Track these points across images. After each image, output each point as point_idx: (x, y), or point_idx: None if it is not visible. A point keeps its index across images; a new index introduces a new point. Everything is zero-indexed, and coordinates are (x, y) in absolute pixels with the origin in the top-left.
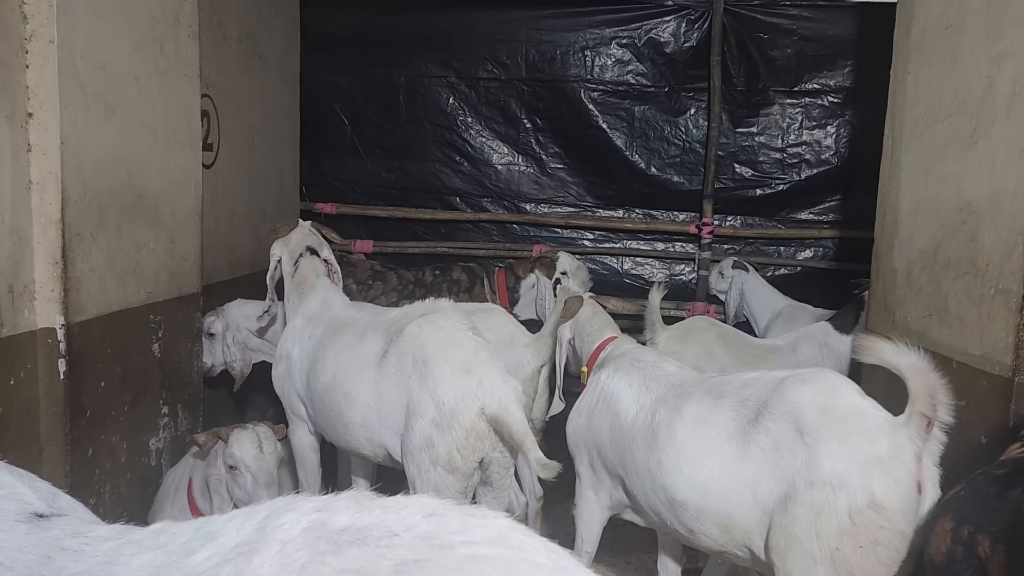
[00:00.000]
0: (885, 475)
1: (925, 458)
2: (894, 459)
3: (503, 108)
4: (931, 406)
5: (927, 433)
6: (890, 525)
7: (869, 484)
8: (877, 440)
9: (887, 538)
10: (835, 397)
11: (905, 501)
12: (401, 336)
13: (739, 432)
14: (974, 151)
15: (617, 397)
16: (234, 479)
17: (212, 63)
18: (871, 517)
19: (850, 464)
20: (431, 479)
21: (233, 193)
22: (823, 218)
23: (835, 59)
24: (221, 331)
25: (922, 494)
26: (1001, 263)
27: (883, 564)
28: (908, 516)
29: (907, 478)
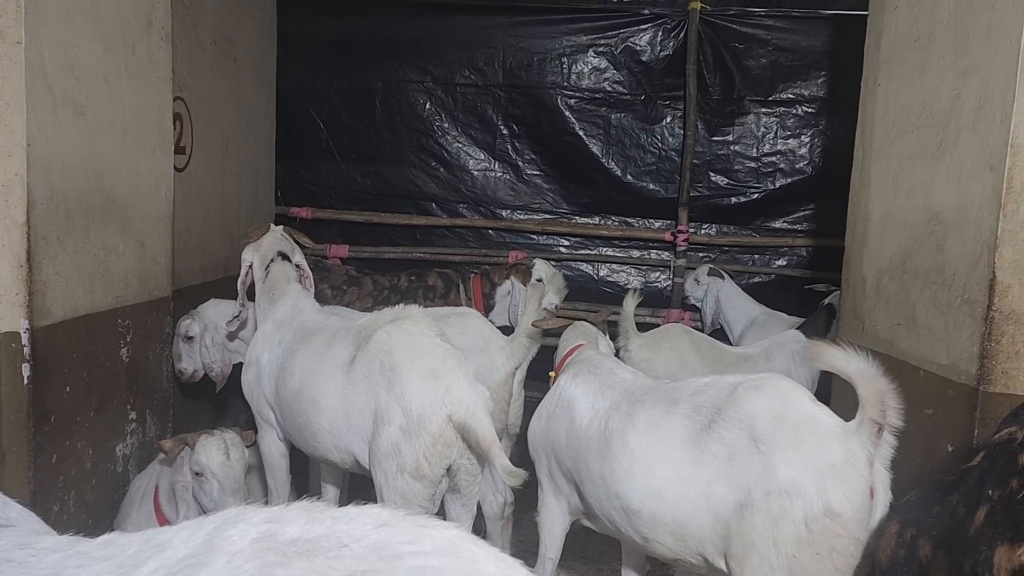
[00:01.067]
0: (840, 482)
1: (877, 463)
2: (848, 466)
3: (480, 114)
4: (881, 411)
5: (878, 438)
6: (845, 532)
7: (824, 492)
8: (831, 447)
9: (843, 545)
10: (788, 404)
11: (859, 508)
12: (369, 342)
13: (692, 439)
14: (941, 162)
15: (573, 403)
16: (200, 486)
17: (186, 65)
18: (827, 525)
19: (805, 472)
20: (398, 486)
21: (206, 196)
22: (797, 227)
23: (809, 70)
24: (199, 333)
25: (874, 499)
26: (967, 273)
27: (839, 570)
28: (862, 522)
29: (860, 485)
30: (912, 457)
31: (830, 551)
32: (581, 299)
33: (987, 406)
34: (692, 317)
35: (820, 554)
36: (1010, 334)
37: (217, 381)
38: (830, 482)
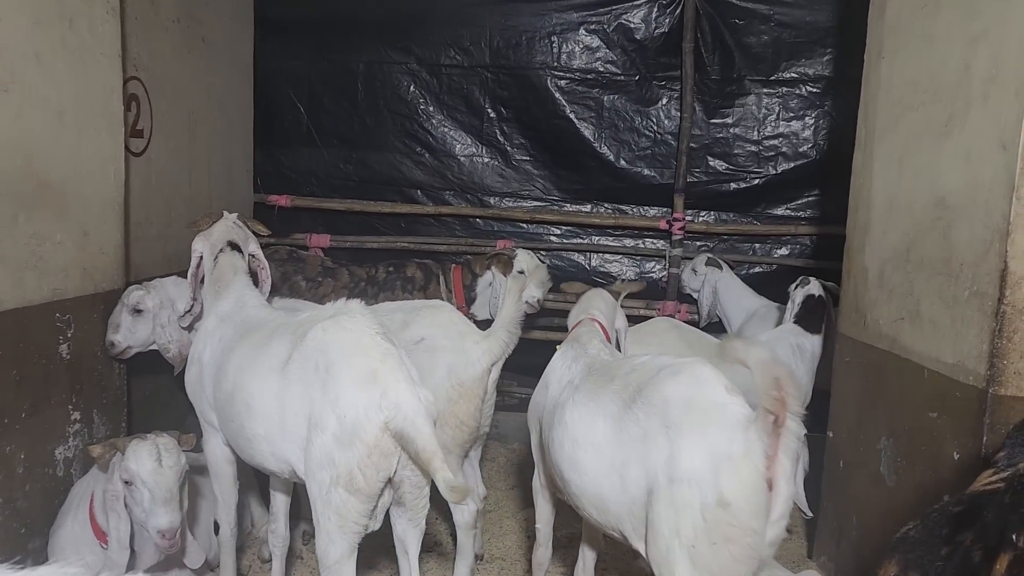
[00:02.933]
0: (733, 473)
1: (780, 454)
2: (744, 457)
3: (466, 97)
4: (775, 400)
5: (776, 429)
6: (738, 523)
7: (718, 482)
8: (732, 437)
9: (737, 535)
10: (701, 391)
11: (752, 499)
12: (304, 340)
13: (615, 417)
14: (949, 140)
15: (550, 376)
16: (131, 495)
17: (143, 44)
18: (720, 515)
19: (704, 461)
20: (332, 500)
21: (169, 183)
22: (800, 214)
23: (814, 47)
24: (153, 308)
25: (774, 491)
26: (976, 263)
27: (737, 561)
28: (757, 514)
29: (755, 476)
30: (915, 464)
31: (725, 541)
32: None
33: (997, 410)
34: (689, 309)
35: (716, 544)
36: (1023, 331)
37: (174, 364)
38: (725, 473)
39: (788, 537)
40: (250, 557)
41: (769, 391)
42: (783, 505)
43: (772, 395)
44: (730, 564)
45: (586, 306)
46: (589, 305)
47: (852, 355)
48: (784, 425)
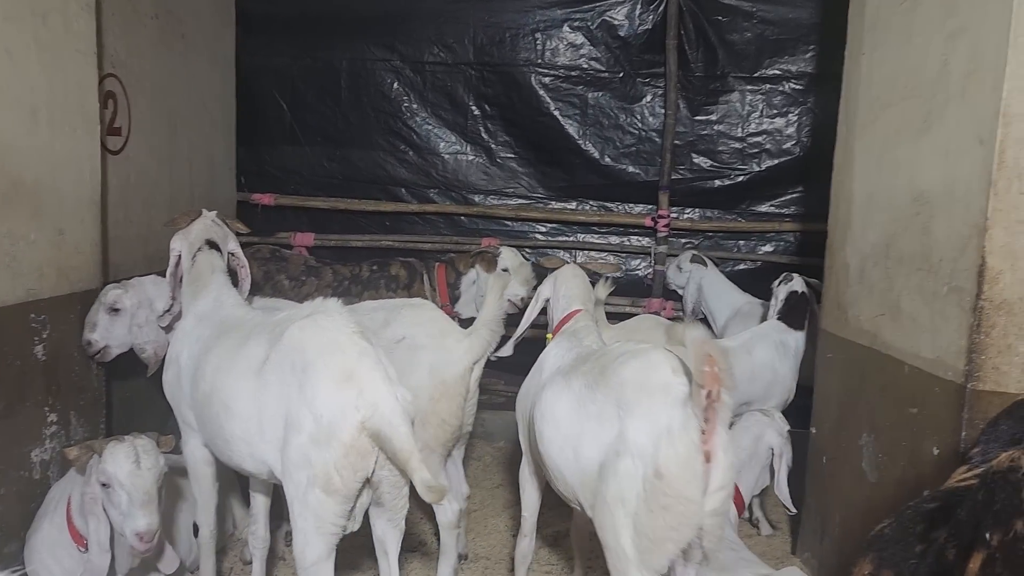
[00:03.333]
0: (670, 446)
1: (719, 427)
2: (682, 431)
3: (450, 94)
4: (707, 375)
5: (710, 403)
6: (672, 492)
7: (656, 454)
8: (672, 414)
9: (672, 504)
10: (651, 373)
11: (686, 469)
12: (281, 340)
13: (578, 396)
14: (927, 136)
15: (544, 364)
16: (109, 498)
17: (120, 41)
18: (657, 485)
19: (647, 436)
20: (309, 501)
21: (149, 181)
22: (784, 211)
23: (797, 44)
24: (130, 308)
25: (712, 463)
26: (954, 258)
27: (672, 528)
28: (691, 483)
29: (689, 448)
30: (896, 460)
31: (661, 509)
32: None
33: (976, 405)
34: (674, 306)
35: (653, 512)
36: (1001, 326)
37: (149, 363)
38: (663, 446)
39: (772, 533)
40: (232, 559)
41: (701, 367)
42: (722, 476)
43: (704, 371)
44: (666, 531)
45: (573, 295)
46: (575, 295)
47: (834, 351)
48: (719, 399)
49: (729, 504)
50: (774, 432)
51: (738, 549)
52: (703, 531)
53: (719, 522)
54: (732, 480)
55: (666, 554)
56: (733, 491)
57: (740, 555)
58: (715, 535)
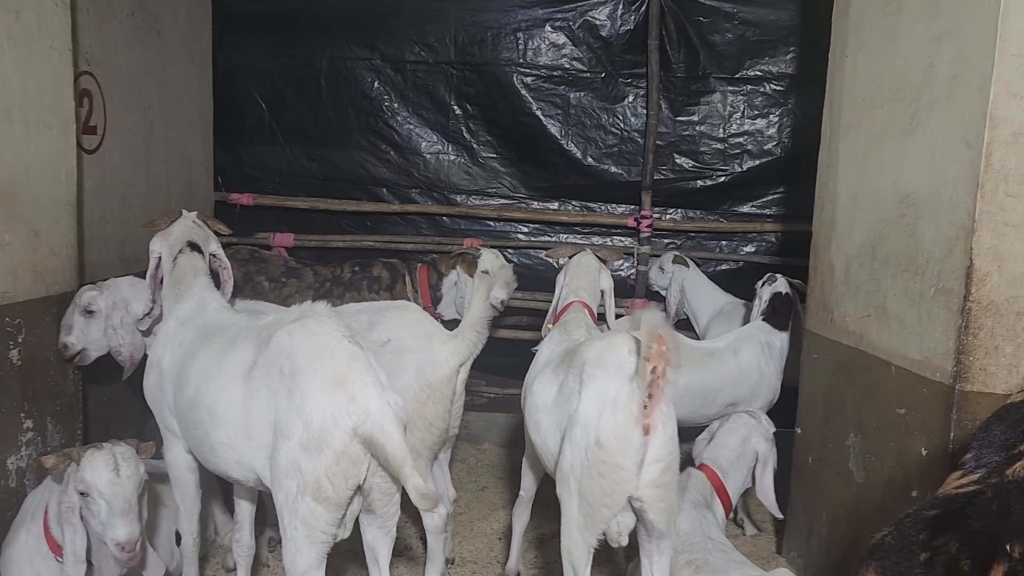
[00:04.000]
0: (611, 417)
1: (660, 402)
2: (624, 404)
3: (431, 93)
4: (654, 352)
5: (655, 379)
6: (609, 460)
7: (599, 425)
8: (619, 388)
9: (607, 471)
10: (609, 352)
11: (622, 440)
12: (269, 344)
13: (561, 388)
14: (913, 138)
15: (538, 357)
16: (88, 507)
17: (96, 38)
18: (597, 453)
19: (594, 407)
20: (299, 509)
21: (125, 181)
22: (766, 211)
23: (777, 45)
24: (105, 309)
25: (651, 435)
26: (941, 260)
27: (606, 494)
28: (626, 453)
29: (628, 419)
30: (884, 460)
31: (599, 476)
32: (540, 288)
33: (964, 406)
34: (657, 307)
35: (593, 478)
36: (989, 327)
37: (125, 367)
38: (606, 417)
39: (757, 534)
40: (214, 566)
41: (650, 343)
42: (659, 448)
43: (652, 347)
44: (602, 496)
45: (575, 286)
46: (577, 286)
47: (820, 352)
48: (663, 376)
49: (669, 477)
50: (760, 436)
51: (728, 551)
52: (644, 502)
53: (659, 494)
54: (671, 455)
55: (602, 520)
56: (673, 465)
57: (730, 556)
58: (658, 507)
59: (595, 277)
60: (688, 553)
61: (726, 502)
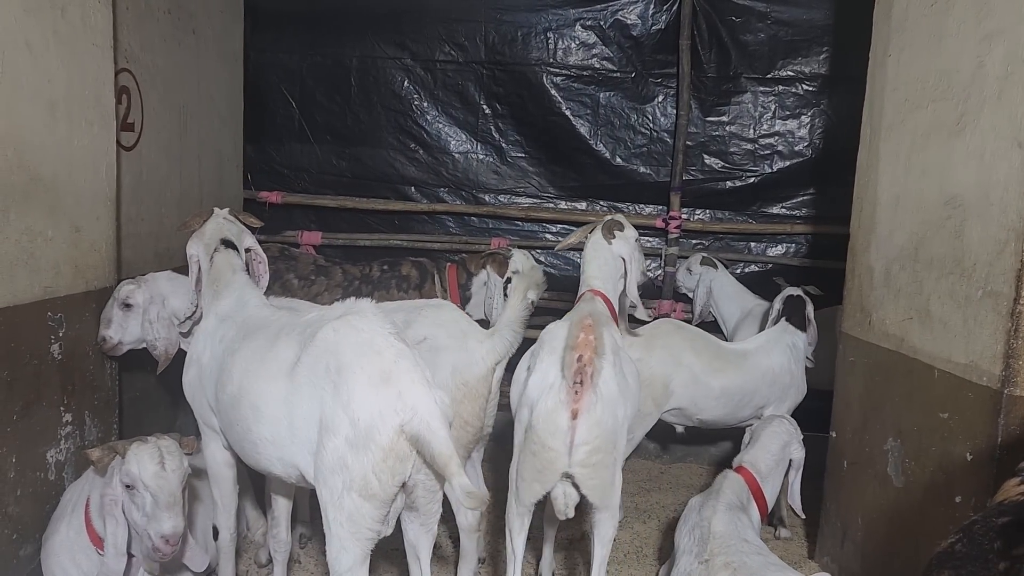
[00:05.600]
0: (543, 402)
1: (588, 390)
2: (556, 390)
3: (461, 93)
4: (581, 341)
5: (581, 367)
6: (539, 441)
7: (535, 407)
8: (556, 374)
9: (538, 451)
10: (555, 341)
11: (550, 423)
12: (314, 341)
13: (527, 367)
14: (961, 139)
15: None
16: (132, 500)
17: (134, 35)
18: (531, 434)
19: (536, 390)
20: (345, 506)
21: (160, 178)
22: (796, 212)
23: (811, 45)
24: (143, 303)
25: (578, 419)
26: (990, 262)
27: (538, 471)
28: (554, 435)
29: (556, 404)
30: (924, 465)
31: (532, 454)
32: (567, 288)
33: (1013, 411)
34: (684, 308)
35: (528, 455)
36: None
37: (160, 360)
38: (541, 400)
39: (789, 538)
40: (246, 561)
41: (576, 333)
42: (585, 432)
43: (579, 337)
44: (534, 472)
45: (587, 276)
46: (590, 275)
47: (857, 355)
48: (591, 364)
49: (598, 458)
50: (798, 443)
51: (764, 554)
52: (576, 479)
53: (588, 472)
54: (598, 438)
55: (533, 494)
56: (603, 447)
57: (768, 559)
58: (588, 484)
59: (607, 259)
60: (725, 555)
61: (762, 506)
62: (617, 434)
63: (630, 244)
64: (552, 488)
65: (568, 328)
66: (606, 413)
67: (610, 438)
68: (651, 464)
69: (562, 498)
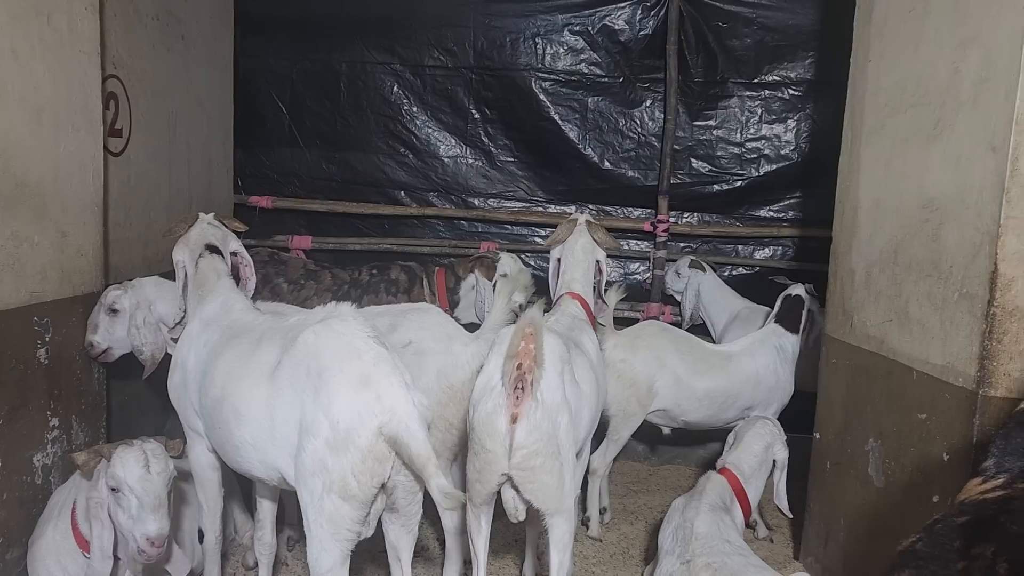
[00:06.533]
0: (483, 405)
1: (526, 395)
2: (496, 392)
3: (450, 97)
4: (521, 350)
5: (520, 373)
6: (479, 442)
7: (476, 408)
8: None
9: (479, 451)
10: (502, 344)
11: (488, 425)
12: (295, 345)
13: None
14: (937, 144)
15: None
16: (118, 502)
17: (122, 42)
18: (472, 435)
19: (479, 392)
20: (325, 507)
21: (148, 183)
22: (782, 216)
23: (796, 50)
24: (129, 308)
25: (517, 423)
26: (965, 265)
27: (479, 471)
28: (493, 437)
29: (495, 408)
30: (904, 465)
31: (474, 455)
32: None
33: (987, 412)
34: (673, 311)
35: (471, 455)
36: (1014, 332)
37: (146, 365)
38: (481, 403)
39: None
40: (234, 564)
41: (516, 342)
42: (523, 436)
43: (518, 345)
44: (476, 472)
45: (567, 279)
46: (571, 278)
47: (839, 356)
48: (530, 371)
49: (537, 462)
50: (781, 444)
51: (746, 554)
52: (514, 482)
53: (527, 476)
54: (538, 442)
55: (478, 493)
56: (542, 451)
57: (749, 560)
58: (528, 487)
59: (590, 263)
60: (706, 556)
61: (746, 507)
62: (561, 440)
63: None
64: (494, 489)
65: (510, 336)
66: (546, 419)
67: (550, 443)
68: (639, 466)
69: (511, 501)
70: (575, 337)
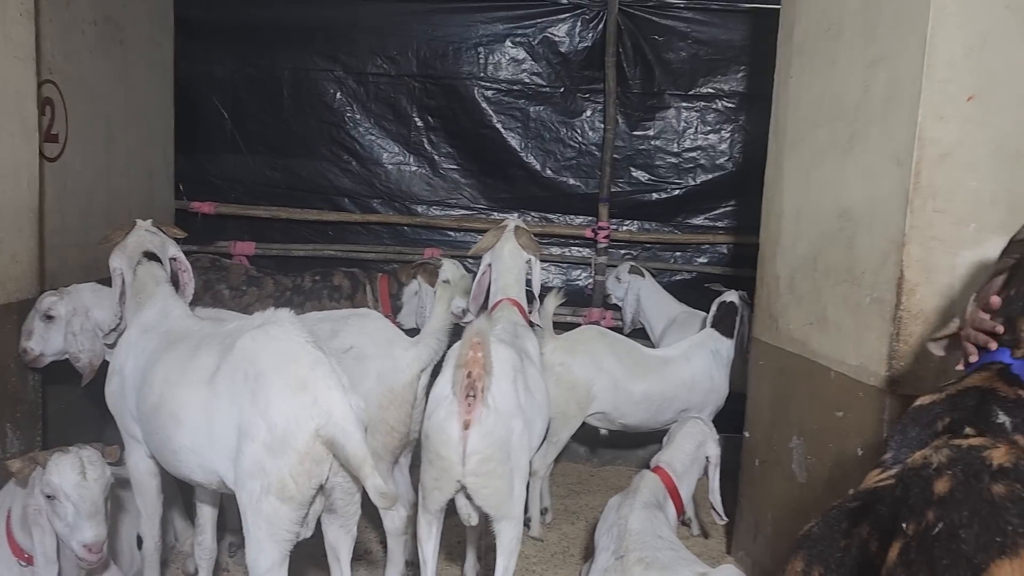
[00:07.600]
0: (437, 412)
1: (477, 403)
2: (448, 401)
3: (393, 105)
4: (470, 359)
5: (471, 382)
6: (433, 450)
7: (430, 417)
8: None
9: (434, 459)
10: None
11: (441, 433)
12: (233, 350)
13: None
14: (851, 157)
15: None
16: (54, 510)
17: (58, 47)
18: (426, 443)
19: (432, 402)
20: (263, 509)
21: (85, 189)
22: (718, 224)
23: (728, 64)
24: (65, 315)
25: (469, 430)
26: (876, 271)
27: (435, 479)
28: (447, 444)
29: (448, 416)
30: (823, 461)
31: (429, 463)
32: None
33: (895, 409)
34: (614, 316)
35: (426, 464)
36: (918, 334)
37: (84, 373)
38: (435, 411)
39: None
40: (174, 571)
41: (465, 351)
42: (476, 442)
43: (468, 355)
44: (432, 480)
45: (502, 284)
46: (505, 284)
47: (766, 358)
48: (479, 379)
49: (490, 467)
50: (713, 442)
51: (677, 549)
52: (468, 488)
53: (481, 482)
54: (490, 447)
55: (435, 501)
56: (494, 456)
57: (679, 554)
58: (481, 493)
59: (521, 268)
60: (639, 551)
61: (678, 503)
62: (512, 446)
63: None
64: (451, 496)
65: (460, 346)
66: (499, 425)
67: (503, 448)
68: (581, 467)
69: (464, 508)
70: (520, 344)
